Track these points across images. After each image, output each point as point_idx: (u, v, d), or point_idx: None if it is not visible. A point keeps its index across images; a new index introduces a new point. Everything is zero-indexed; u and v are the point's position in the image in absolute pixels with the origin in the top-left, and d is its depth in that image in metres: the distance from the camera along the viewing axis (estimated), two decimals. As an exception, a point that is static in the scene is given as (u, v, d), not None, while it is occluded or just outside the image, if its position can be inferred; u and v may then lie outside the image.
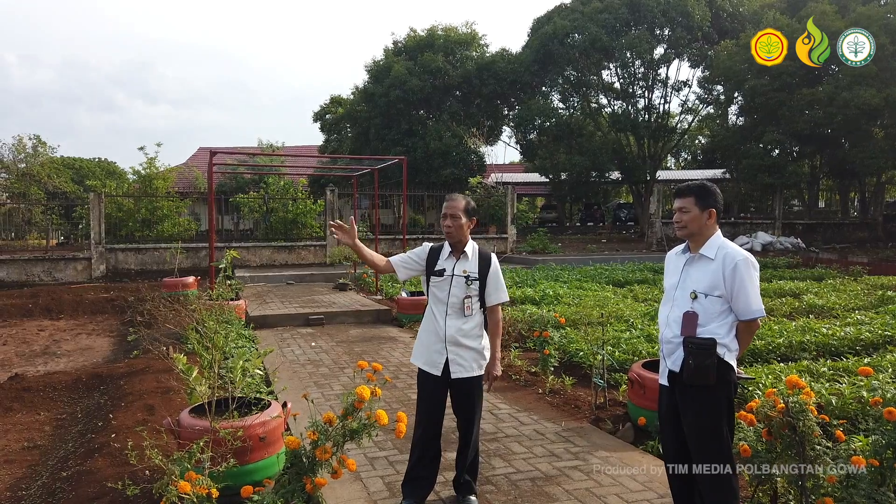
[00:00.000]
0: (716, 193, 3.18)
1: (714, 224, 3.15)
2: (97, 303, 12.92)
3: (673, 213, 3.26)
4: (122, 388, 6.45)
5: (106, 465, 4.36)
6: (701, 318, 3.03)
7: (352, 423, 3.13)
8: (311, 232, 21.71)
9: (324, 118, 36.08)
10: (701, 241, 3.14)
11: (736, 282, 2.99)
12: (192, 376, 4.26)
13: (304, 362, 7.59)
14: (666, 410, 3.24)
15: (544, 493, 3.93)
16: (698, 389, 3.00)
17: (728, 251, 3.06)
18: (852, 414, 4.71)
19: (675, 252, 3.34)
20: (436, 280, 3.70)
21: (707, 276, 3.06)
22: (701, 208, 3.12)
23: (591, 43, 28.11)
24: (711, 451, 3.01)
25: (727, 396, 3.04)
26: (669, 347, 3.15)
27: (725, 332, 3.02)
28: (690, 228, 3.14)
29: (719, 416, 3.00)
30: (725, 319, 3.04)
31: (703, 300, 3.04)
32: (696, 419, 3.04)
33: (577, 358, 7.06)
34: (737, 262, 3.00)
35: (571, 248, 24.87)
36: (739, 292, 2.99)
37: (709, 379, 2.94)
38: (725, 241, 3.15)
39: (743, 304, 3.01)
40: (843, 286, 12.36)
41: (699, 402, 3.02)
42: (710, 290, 3.03)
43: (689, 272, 3.17)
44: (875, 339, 7.42)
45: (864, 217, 29.21)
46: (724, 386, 3.01)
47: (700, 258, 3.13)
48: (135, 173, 21.97)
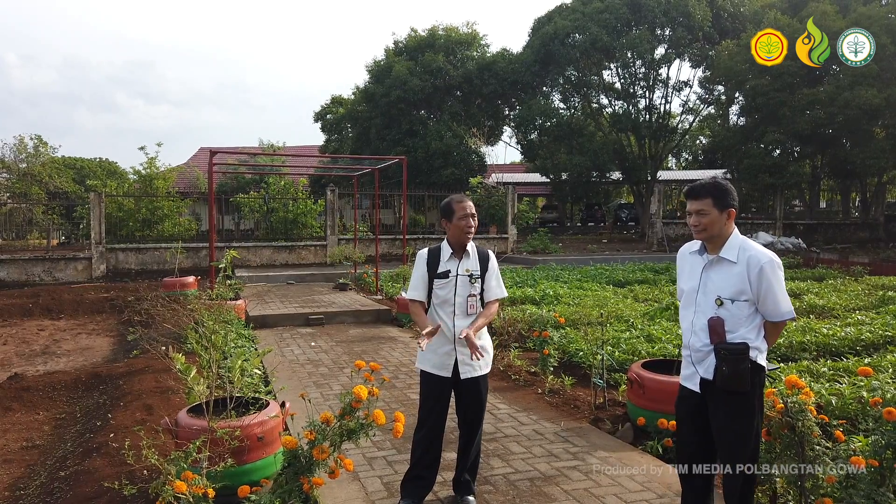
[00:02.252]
0: (732, 191, 3.02)
1: (732, 224, 3.01)
2: (97, 303, 12.92)
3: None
4: (121, 387, 6.45)
5: (104, 464, 4.36)
6: (728, 324, 2.93)
7: (349, 423, 3.13)
8: (312, 232, 21.71)
9: (324, 118, 36.12)
10: (720, 242, 3.00)
11: (763, 285, 2.89)
12: (190, 376, 4.26)
13: (304, 362, 7.58)
14: (688, 414, 3.14)
15: (543, 494, 3.92)
16: (731, 394, 2.91)
17: (751, 253, 2.93)
18: (852, 414, 4.69)
19: (689, 251, 3.20)
20: (440, 282, 3.68)
21: (731, 280, 2.95)
22: (720, 209, 2.96)
23: (591, 43, 28.09)
24: (744, 452, 2.94)
25: (759, 397, 2.98)
26: (699, 356, 3.04)
27: (755, 336, 2.95)
28: (711, 231, 2.98)
29: (750, 420, 2.94)
30: (754, 322, 2.95)
31: (731, 306, 2.93)
32: (729, 423, 2.96)
33: (577, 358, 7.05)
34: (762, 266, 2.88)
35: (572, 248, 24.86)
36: (767, 295, 2.90)
37: (745, 384, 2.87)
38: (745, 240, 3.02)
39: (772, 306, 2.92)
40: (843, 286, 12.35)
41: (732, 405, 2.94)
42: (737, 296, 2.93)
43: (709, 276, 3.04)
44: (875, 339, 7.41)
45: (865, 217, 29.18)
46: (756, 388, 2.94)
47: (720, 261, 3.00)
48: (135, 173, 21.98)
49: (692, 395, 3.10)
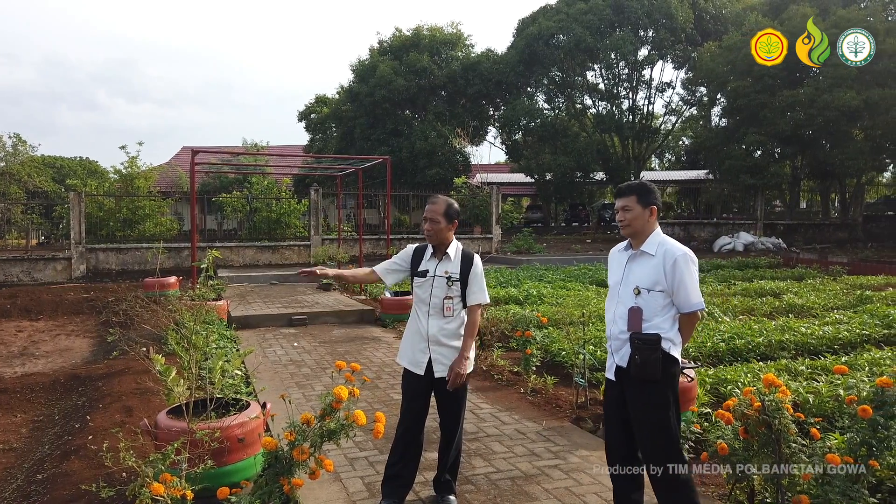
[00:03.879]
0: (655, 191, 3.25)
1: (654, 221, 3.23)
2: (77, 303, 12.76)
3: (616, 213, 3.31)
4: (100, 389, 6.38)
5: (82, 467, 4.31)
6: (645, 314, 3.11)
7: (330, 424, 3.12)
8: (296, 232, 21.60)
9: (309, 118, 35.99)
10: (642, 238, 3.22)
11: (676, 276, 3.08)
12: (170, 377, 4.22)
13: (286, 363, 7.54)
14: (611, 405, 3.32)
15: (524, 493, 3.93)
16: (644, 384, 3.08)
17: (668, 247, 3.14)
18: (829, 412, 4.76)
19: (618, 249, 3.41)
20: (419, 281, 3.71)
21: (649, 271, 3.14)
22: (643, 206, 3.18)
23: (575, 44, 28.24)
24: (661, 444, 3.08)
25: (672, 389, 3.12)
26: (617, 343, 3.23)
27: (669, 327, 3.12)
28: (634, 226, 3.20)
29: (665, 409, 3.08)
30: (668, 313, 3.13)
31: (647, 295, 3.12)
32: (643, 414, 3.12)
33: (559, 357, 7.08)
34: (676, 258, 3.08)
35: (556, 248, 24.95)
36: (680, 286, 3.08)
37: (655, 373, 3.03)
38: (665, 237, 3.22)
39: (683, 297, 3.10)
40: (822, 286, 12.51)
41: (645, 396, 3.10)
42: (653, 286, 3.12)
43: (631, 268, 3.24)
44: (853, 338, 7.51)
45: (844, 218, 29.59)
46: (669, 380, 3.10)
47: (641, 254, 3.20)
48: (116, 172, 21.77)
49: (612, 386, 3.29)
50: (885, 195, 42.16)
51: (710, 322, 8.59)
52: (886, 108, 21.80)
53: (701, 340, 7.21)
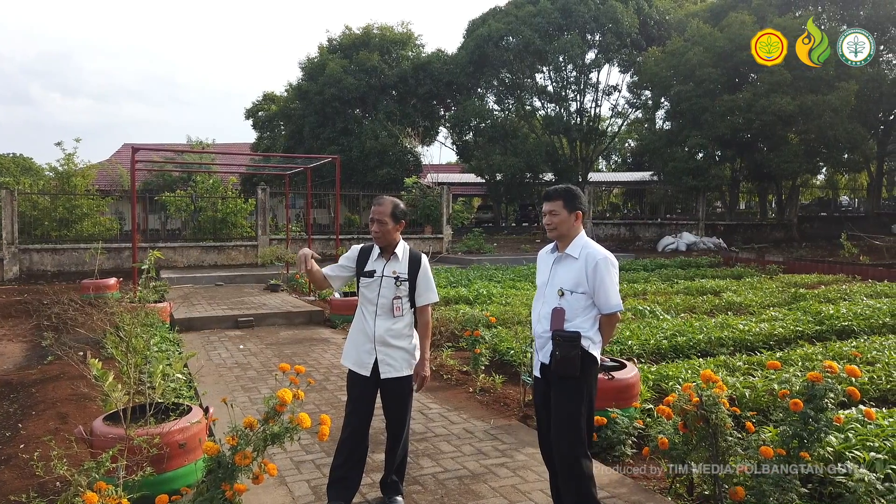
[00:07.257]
0: (581, 196, 3.38)
1: (580, 225, 3.35)
2: (9, 306, 12.19)
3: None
4: (33, 395, 6.11)
5: (13, 477, 4.12)
6: (567, 314, 3.23)
7: (273, 427, 3.07)
8: (242, 232, 21.18)
9: (256, 115, 35.29)
10: (568, 241, 3.33)
11: (597, 279, 3.21)
12: (106, 382, 4.08)
13: (231, 365, 7.39)
14: (539, 401, 3.45)
15: (471, 492, 3.95)
16: (564, 380, 3.20)
17: (590, 251, 3.26)
18: (764, 406, 4.94)
19: (546, 251, 3.52)
20: (366, 281, 3.68)
21: (572, 274, 3.27)
22: (569, 211, 3.29)
23: (524, 46, 28.56)
24: (568, 437, 3.19)
25: (588, 387, 3.24)
26: (541, 341, 3.35)
27: (589, 326, 3.24)
28: (560, 230, 3.31)
29: (578, 404, 3.20)
30: (589, 314, 3.26)
31: (570, 297, 3.25)
32: (558, 407, 3.24)
33: (508, 356, 7.14)
34: (597, 261, 3.21)
35: (506, 248, 25.16)
36: (599, 288, 3.21)
37: (574, 369, 3.14)
38: (589, 241, 3.35)
39: (603, 299, 3.23)
40: (759, 284, 12.99)
41: (565, 389, 3.22)
42: (575, 287, 3.25)
43: (556, 270, 3.36)
44: (787, 334, 7.83)
45: (780, 218, 30.78)
46: (586, 377, 3.21)
47: (566, 257, 3.32)
48: (52, 170, 20.90)
49: (538, 383, 3.42)
50: (818, 197, 44.11)
51: (652, 320, 8.82)
52: (819, 114, 22.74)
53: (644, 338, 7.39)
